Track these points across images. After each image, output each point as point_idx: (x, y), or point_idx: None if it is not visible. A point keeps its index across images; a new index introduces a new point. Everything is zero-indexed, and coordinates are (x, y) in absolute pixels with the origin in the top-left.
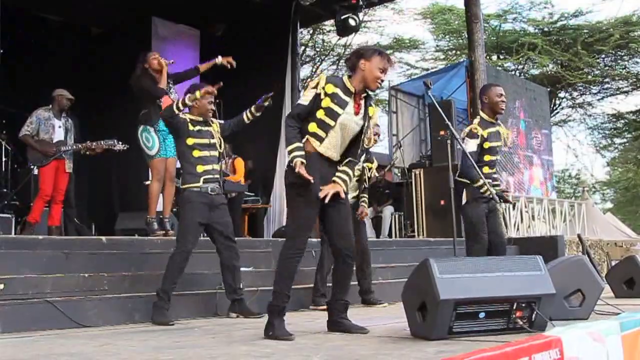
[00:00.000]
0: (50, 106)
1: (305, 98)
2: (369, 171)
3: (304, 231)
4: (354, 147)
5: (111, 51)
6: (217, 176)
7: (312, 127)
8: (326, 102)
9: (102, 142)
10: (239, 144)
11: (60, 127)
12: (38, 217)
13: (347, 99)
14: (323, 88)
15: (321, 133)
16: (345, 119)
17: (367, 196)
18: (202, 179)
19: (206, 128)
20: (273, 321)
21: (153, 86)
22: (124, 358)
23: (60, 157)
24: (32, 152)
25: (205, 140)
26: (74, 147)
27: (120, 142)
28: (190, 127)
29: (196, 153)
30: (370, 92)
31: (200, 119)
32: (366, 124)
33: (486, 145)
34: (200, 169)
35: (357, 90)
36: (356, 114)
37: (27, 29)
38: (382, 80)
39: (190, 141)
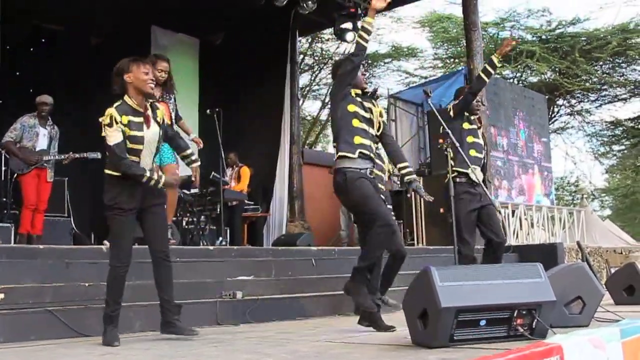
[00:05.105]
0: (36, 113)
1: (115, 136)
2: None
3: (130, 243)
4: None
5: (111, 60)
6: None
7: None
8: (127, 132)
9: (85, 154)
10: (239, 152)
11: (44, 135)
12: (29, 227)
13: (139, 119)
14: (120, 122)
15: (135, 158)
16: (147, 136)
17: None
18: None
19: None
20: (106, 328)
21: None
22: None
23: (42, 166)
24: (14, 159)
25: None
26: (57, 157)
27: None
28: None
29: None
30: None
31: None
32: (162, 123)
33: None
34: None
35: (141, 104)
36: (148, 125)
37: (27, 39)
38: (152, 80)
39: None
